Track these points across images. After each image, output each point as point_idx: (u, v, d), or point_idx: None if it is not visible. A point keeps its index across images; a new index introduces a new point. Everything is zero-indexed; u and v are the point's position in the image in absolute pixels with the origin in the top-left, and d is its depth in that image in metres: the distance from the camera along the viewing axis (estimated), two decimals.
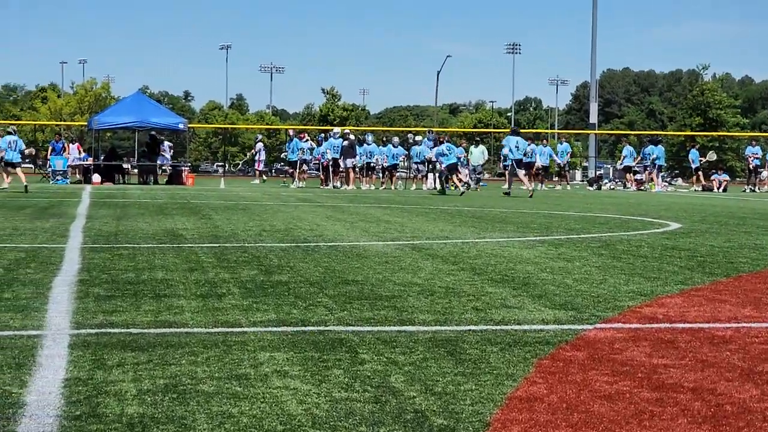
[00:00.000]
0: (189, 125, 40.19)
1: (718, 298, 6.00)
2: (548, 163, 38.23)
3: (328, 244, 9.39)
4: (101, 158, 35.08)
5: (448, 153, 26.90)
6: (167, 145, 36.88)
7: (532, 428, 3.04)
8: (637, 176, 37.10)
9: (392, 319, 5.03)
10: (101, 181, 31.97)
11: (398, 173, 36.53)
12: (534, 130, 65.82)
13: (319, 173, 34.96)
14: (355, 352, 4.15)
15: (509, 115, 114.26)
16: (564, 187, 37.56)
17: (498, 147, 28.83)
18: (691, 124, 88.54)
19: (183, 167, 35.79)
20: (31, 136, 74.18)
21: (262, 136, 42.41)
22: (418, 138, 35.68)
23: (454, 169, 27.11)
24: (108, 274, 6.70)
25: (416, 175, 35.31)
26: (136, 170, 37.69)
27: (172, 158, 37.50)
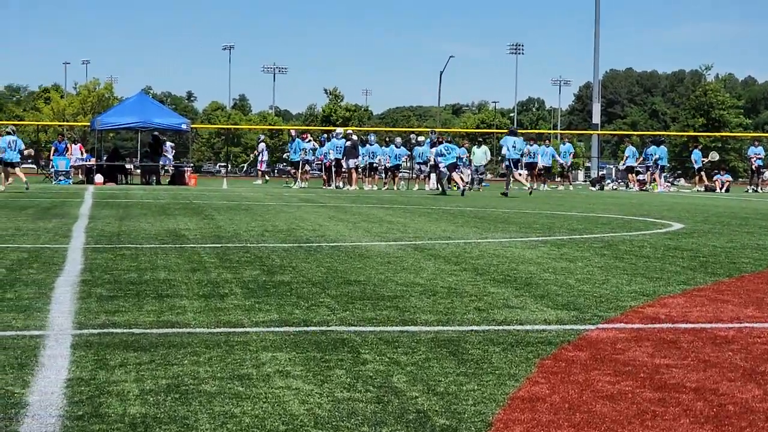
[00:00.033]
0: (192, 126, 40.17)
1: (720, 298, 5.99)
2: (550, 164, 38.23)
3: (331, 244, 9.39)
4: (104, 158, 35.12)
5: (447, 153, 26.91)
6: (170, 145, 36.94)
7: (534, 428, 3.04)
8: (640, 177, 37.06)
9: (394, 320, 5.03)
10: (104, 182, 31.99)
11: (401, 174, 36.53)
12: (537, 131, 65.76)
13: (322, 174, 34.97)
14: (358, 353, 4.15)
15: (512, 115, 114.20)
16: (566, 188, 37.55)
17: (500, 147, 28.77)
18: (694, 125, 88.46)
19: (185, 168, 35.81)
20: (34, 136, 74.28)
21: (264, 137, 42.48)
22: (421, 138, 35.69)
23: (454, 169, 27.12)
24: (110, 274, 6.71)
25: (419, 175, 35.30)
26: (138, 171, 37.73)
27: (175, 159, 37.56)
